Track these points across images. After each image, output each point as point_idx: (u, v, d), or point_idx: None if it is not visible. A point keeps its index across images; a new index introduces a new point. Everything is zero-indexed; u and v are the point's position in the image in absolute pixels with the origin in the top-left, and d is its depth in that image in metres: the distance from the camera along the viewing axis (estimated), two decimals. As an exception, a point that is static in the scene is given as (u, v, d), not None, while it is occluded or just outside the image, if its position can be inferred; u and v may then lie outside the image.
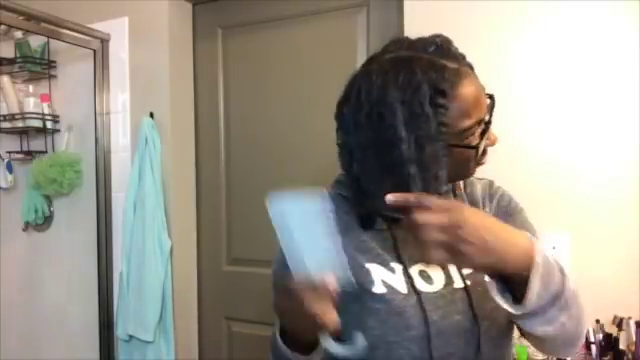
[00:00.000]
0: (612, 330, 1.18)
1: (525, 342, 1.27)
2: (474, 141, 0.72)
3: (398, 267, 0.74)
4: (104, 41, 1.84)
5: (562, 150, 1.27)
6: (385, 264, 0.74)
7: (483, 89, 0.73)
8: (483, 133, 0.72)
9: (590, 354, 1.18)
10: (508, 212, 0.81)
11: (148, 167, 1.72)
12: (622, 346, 1.16)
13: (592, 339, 1.18)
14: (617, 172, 1.22)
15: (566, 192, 1.26)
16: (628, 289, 1.20)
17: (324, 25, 1.66)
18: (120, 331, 1.77)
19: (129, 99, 1.83)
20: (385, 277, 0.73)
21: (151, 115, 1.76)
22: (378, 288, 0.72)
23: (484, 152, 0.76)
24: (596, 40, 1.24)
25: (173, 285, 1.75)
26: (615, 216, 1.22)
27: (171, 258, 1.75)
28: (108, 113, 1.86)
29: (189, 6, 1.87)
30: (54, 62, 1.97)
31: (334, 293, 0.59)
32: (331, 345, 0.62)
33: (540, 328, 0.63)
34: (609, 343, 1.16)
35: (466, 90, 0.69)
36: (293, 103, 1.69)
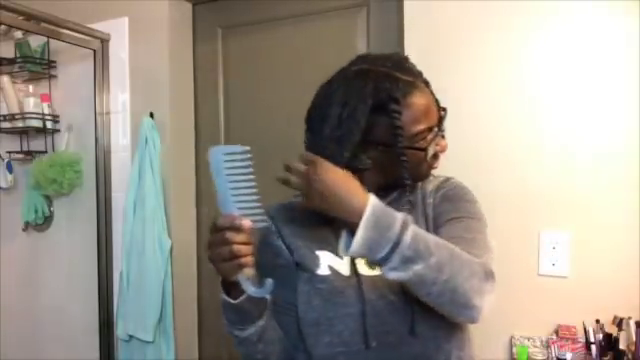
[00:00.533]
0: (612, 330, 1.18)
1: (526, 342, 1.27)
2: (424, 145, 0.83)
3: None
4: (104, 41, 1.84)
5: (562, 150, 1.26)
6: (335, 252, 0.85)
7: (434, 102, 0.86)
8: (433, 139, 0.84)
9: (590, 354, 1.18)
10: (446, 198, 0.88)
11: (148, 167, 1.72)
12: (622, 346, 1.16)
13: (592, 339, 1.18)
14: (617, 172, 1.22)
15: (566, 192, 1.26)
16: (628, 289, 1.20)
17: (324, 25, 1.66)
18: (120, 331, 1.77)
19: (129, 99, 1.83)
20: (332, 262, 0.84)
21: (151, 115, 1.76)
22: (323, 270, 0.83)
23: (435, 156, 0.87)
24: (596, 40, 1.24)
25: (173, 285, 1.75)
26: (615, 216, 1.22)
27: (171, 258, 1.75)
28: (108, 113, 1.86)
29: (189, 6, 1.87)
30: (54, 62, 1.97)
31: (250, 232, 0.71)
32: (247, 286, 0.73)
33: (391, 274, 0.71)
34: (609, 343, 1.16)
35: (417, 100, 0.82)
36: (293, 103, 1.69)
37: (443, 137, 0.88)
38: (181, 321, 1.81)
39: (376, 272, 0.82)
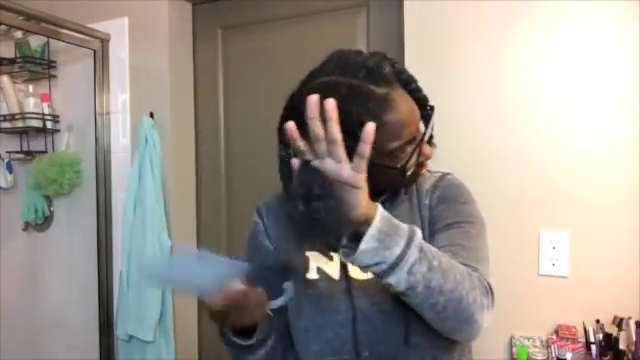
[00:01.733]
0: (612, 330, 1.18)
1: (526, 342, 1.27)
2: (404, 158, 0.75)
3: (337, 256, 0.80)
4: (104, 41, 1.84)
5: (562, 150, 1.26)
6: (324, 252, 0.80)
7: (417, 103, 0.78)
8: (415, 150, 0.76)
9: (590, 354, 1.18)
10: (442, 200, 0.83)
11: (148, 167, 1.72)
12: (622, 346, 1.16)
13: (592, 339, 1.18)
14: (617, 172, 1.22)
15: (566, 192, 1.26)
16: (628, 289, 1.20)
17: (324, 25, 1.66)
18: (120, 331, 1.77)
19: (129, 99, 1.83)
20: (321, 264, 0.80)
21: (151, 115, 1.76)
22: (311, 274, 0.80)
23: (421, 165, 0.80)
24: (597, 39, 1.24)
25: (173, 285, 1.75)
26: (615, 216, 1.22)
27: (171, 258, 1.75)
28: (108, 113, 1.86)
29: (189, 6, 1.87)
30: (54, 62, 1.97)
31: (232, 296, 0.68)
32: (274, 304, 0.75)
33: (392, 281, 0.64)
34: (609, 343, 1.16)
35: (392, 117, 0.72)
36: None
37: (430, 142, 0.82)
38: (181, 321, 1.81)
39: (368, 275, 0.76)
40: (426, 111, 0.80)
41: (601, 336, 1.17)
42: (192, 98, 1.89)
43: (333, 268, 0.80)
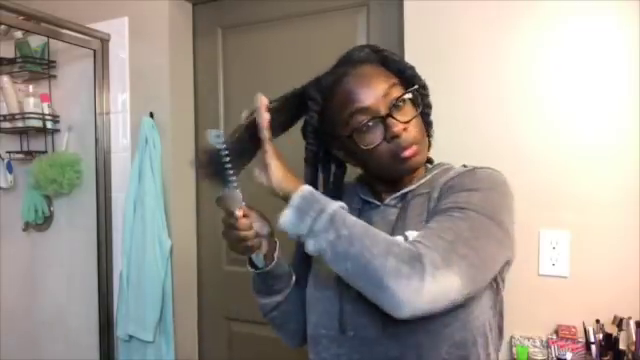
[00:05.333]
0: (612, 330, 1.18)
1: (526, 342, 1.27)
2: (368, 133, 0.80)
3: None
4: (104, 41, 1.84)
5: (562, 150, 1.26)
6: None
7: (378, 87, 0.81)
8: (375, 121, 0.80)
9: (590, 354, 1.18)
10: (449, 188, 0.81)
11: (148, 167, 1.72)
12: (622, 346, 1.16)
13: (592, 339, 1.18)
14: (617, 172, 1.22)
15: (566, 192, 1.26)
16: (628, 289, 1.20)
17: (324, 25, 1.66)
18: (120, 331, 1.77)
19: (129, 99, 1.83)
20: None
21: (151, 115, 1.76)
22: None
23: (394, 139, 0.80)
24: (597, 39, 1.24)
25: (173, 285, 1.75)
26: (615, 216, 1.22)
27: (171, 258, 1.75)
28: (108, 113, 1.86)
29: (189, 6, 1.87)
30: (54, 62, 1.97)
31: (250, 217, 0.82)
32: (258, 261, 0.87)
33: (309, 243, 0.73)
34: (609, 343, 1.16)
35: (344, 87, 0.82)
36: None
37: (428, 124, 0.87)
38: (181, 321, 1.81)
39: None
40: (415, 91, 0.83)
41: (601, 336, 1.17)
42: (192, 98, 1.89)
43: None
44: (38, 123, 1.91)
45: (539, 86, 1.29)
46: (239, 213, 0.80)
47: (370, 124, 0.80)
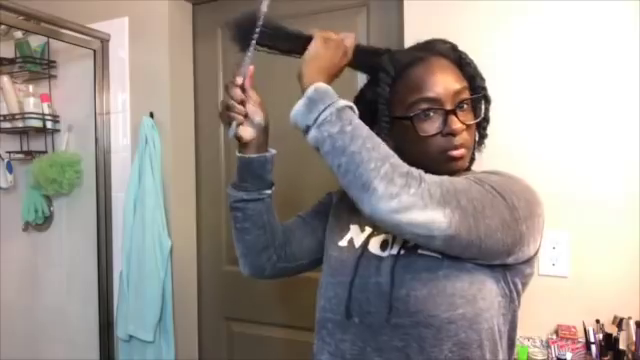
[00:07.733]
0: (612, 330, 1.18)
1: (526, 342, 1.27)
2: (426, 122, 0.81)
3: (369, 230, 0.87)
4: (104, 41, 1.84)
5: (562, 150, 1.26)
6: (362, 226, 0.89)
7: (447, 80, 0.82)
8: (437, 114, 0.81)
9: (590, 354, 1.18)
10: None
11: (148, 167, 1.72)
12: (622, 346, 1.16)
13: (592, 339, 1.18)
14: (617, 172, 1.22)
15: (566, 192, 1.26)
16: (628, 289, 1.20)
17: (324, 25, 1.63)
18: (120, 331, 1.77)
19: (129, 99, 1.83)
20: (354, 235, 0.88)
21: (151, 115, 1.76)
22: (342, 242, 0.89)
23: (449, 136, 0.80)
24: (597, 39, 1.24)
25: (173, 285, 1.75)
26: (615, 216, 1.22)
27: (171, 258, 1.75)
28: (108, 113, 1.86)
29: (189, 6, 1.87)
30: (54, 62, 1.97)
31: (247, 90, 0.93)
32: (230, 131, 0.90)
33: (308, 138, 0.77)
34: (609, 343, 1.16)
35: (416, 71, 0.82)
36: (293, 103, 1.69)
37: (482, 129, 0.88)
38: (181, 321, 1.81)
39: (384, 254, 0.81)
40: (477, 93, 0.85)
41: (601, 336, 1.17)
42: (192, 98, 1.89)
43: (360, 239, 0.87)
44: (38, 123, 1.91)
45: (539, 86, 1.29)
46: (238, 81, 0.87)
47: (431, 114, 0.80)
